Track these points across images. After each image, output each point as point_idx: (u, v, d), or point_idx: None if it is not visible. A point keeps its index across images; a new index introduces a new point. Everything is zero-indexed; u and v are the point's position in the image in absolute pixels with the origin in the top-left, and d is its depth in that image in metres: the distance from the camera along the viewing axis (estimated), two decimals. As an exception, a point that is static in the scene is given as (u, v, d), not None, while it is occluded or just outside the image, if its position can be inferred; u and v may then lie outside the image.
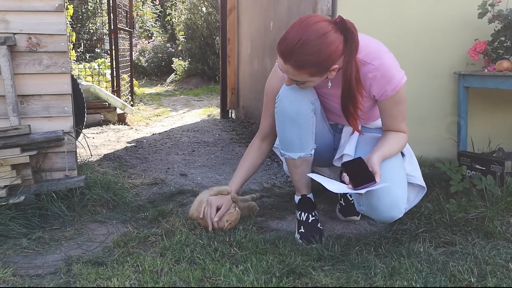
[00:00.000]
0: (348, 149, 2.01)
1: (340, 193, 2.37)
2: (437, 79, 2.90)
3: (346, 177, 1.79)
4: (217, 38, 9.67)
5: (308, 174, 1.97)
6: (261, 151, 2.24)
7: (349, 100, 1.82)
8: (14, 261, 1.88)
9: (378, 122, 2.07)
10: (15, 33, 2.36)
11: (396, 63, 1.86)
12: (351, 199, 2.26)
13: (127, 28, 7.22)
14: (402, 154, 2.04)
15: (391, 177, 1.83)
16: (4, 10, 2.34)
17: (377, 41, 1.90)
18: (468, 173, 2.57)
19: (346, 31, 1.73)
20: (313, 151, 2.03)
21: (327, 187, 1.78)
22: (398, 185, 1.86)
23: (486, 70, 2.66)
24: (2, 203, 2.20)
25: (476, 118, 2.91)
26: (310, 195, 2.15)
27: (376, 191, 1.80)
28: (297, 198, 2.16)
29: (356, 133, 2.06)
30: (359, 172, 1.78)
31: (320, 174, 2.11)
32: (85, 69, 6.97)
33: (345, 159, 2.01)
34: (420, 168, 2.12)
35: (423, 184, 2.03)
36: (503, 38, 2.67)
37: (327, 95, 1.98)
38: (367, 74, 1.83)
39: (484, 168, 2.50)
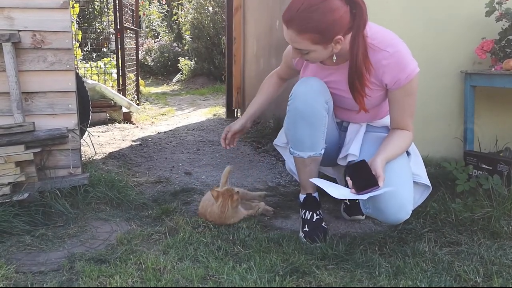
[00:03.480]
0: (353, 148, 1.99)
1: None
2: (443, 78, 2.88)
3: (349, 181, 1.77)
4: (223, 37, 9.67)
5: (310, 180, 1.95)
6: (279, 85, 2.33)
7: (356, 76, 1.80)
8: (17, 258, 1.88)
9: (385, 120, 2.05)
10: (20, 30, 2.36)
11: (410, 53, 1.84)
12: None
13: (133, 27, 7.23)
14: (408, 153, 2.02)
15: (397, 178, 1.81)
16: (9, 7, 2.34)
17: (391, 32, 1.88)
18: (475, 172, 2.55)
19: (354, 3, 1.72)
20: (323, 150, 2.00)
21: (329, 193, 1.76)
22: (404, 186, 1.83)
23: (493, 69, 2.64)
24: (6, 200, 2.20)
25: (483, 117, 2.88)
26: (316, 194, 2.13)
27: (383, 194, 1.78)
28: (302, 196, 2.15)
29: (362, 132, 2.03)
30: (363, 176, 1.75)
31: (324, 178, 2.09)
32: (91, 68, 6.99)
33: (350, 158, 1.99)
34: (426, 168, 2.10)
35: (428, 183, 2.01)
36: (510, 37, 2.65)
37: (334, 83, 1.95)
38: (381, 61, 1.81)
39: (490, 168, 2.48)
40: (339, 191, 1.79)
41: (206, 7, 10.91)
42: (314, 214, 2.07)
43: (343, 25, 1.72)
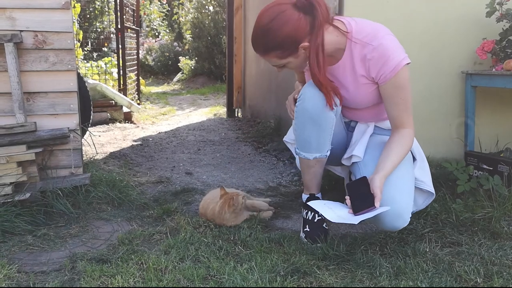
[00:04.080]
0: (358, 150, 1.98)
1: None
2: (444, 78, 2.88)
3: (348, 201, 1.77)
4: (224, 37, 9.68)
5: (308, 203, 1.95)
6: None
7: (314, 76, 1.82)
8: (19, 257, 1.88)
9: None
10: (22, 31, 2.37)
11: (398, 45, 1.82)
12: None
13: (134, 27, 7.24)
14: (414, 158, 2.01)
15: (397, 186, 1.81)
16: (11, 8, 2.35)
17: (380, 25, 1.87)
18: (475, 173, 2.55)
19: (307, 6, 1.74)
20: (328, 152, 2.00)
21: (325, 216, 1.76)
22: (403, 195, 1.82)
23: (494, 70, 2.64)
24: (8, 200, 2.21)
25: (484, 118, 2.88)
26: (319, 195, 2.13)
27: (381, 201, 1.77)
28: (305, 196, 2.15)
29: (368, 134, 2.02)
30: (361, 194, 1.75)
31: (330, 178, 2.08)
32: (92, 67, 7.00)
33: (354, 160, 1.99)
34: (427, 168, 2.11)
35: (432, 190, 2.00)
36: (511, 37, 2.65)
37: (334, 80, 1.95)
38: (366, 56, 1.82)
39: (491, 168, 2.48)
40: (335, 213, 1.78)
41: (206, 7, 10.91)
42: (316, 215, 2.07)
43: (302, 33, 1.75)
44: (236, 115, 6.17)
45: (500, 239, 2.01)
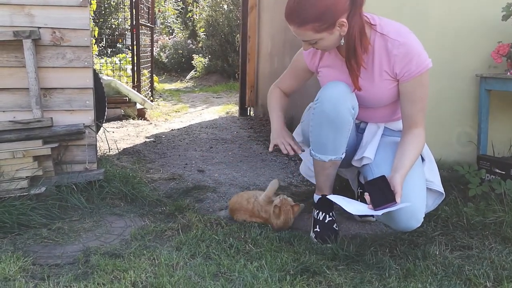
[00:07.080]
0: (369, 152, 1.98)
1: (357, 194, 2.37)
2: (458, 81, 2.87)
3: (367, 197, 1.77)
4: (238, 35, 9.70)
5: (328, 196, 1.95)
6: (285, 97, 2.28)
7: (352, 54, 1.82)
8: (34, 250, 1.92)
9: (401, 124, 2.04)
10: (40, 27, 2.41)
11: (421, 45, 1.84)
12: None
13: (148, 24, 7.28)
14: (422, 159, 2.01)
15: (410, 187, 1.81)
16: (30, 4, 2.39)
17: (403, 25, 1.90)
18: (487, 177, 2.54)
19: None
20: (343, 155, 2.00)
21: (346, 209, 1.77)
22: (417, 195, 1.83)
23: (508, 73, 2.63)
24: (24, 194, 2.25)
25: (497, 121, 2.87)
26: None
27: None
28: (316, 197, 2.16)
29: (379, 136, 2.03)
30: (381, 191, 1.76)
31: (337, 180, 2.08)
32: (106, 63, 7.05)
33: (364, 162, 1.99)
34: (439, 171, 2.10)
35: (442, 190, 2.00)
36: (527, 41, 2.63)
37: (348, 78, 1.95)
38: (392, 51, 1.82)
39: (503, 172, 2.47)
40: (355, 207, 1.80)
41: (221, 5, 10.94)
42: (327, 216, 2.09)
43: (341, 7, 1.73)
44: (248, 113, 6.18)
45: (511, 243, 2.00)
